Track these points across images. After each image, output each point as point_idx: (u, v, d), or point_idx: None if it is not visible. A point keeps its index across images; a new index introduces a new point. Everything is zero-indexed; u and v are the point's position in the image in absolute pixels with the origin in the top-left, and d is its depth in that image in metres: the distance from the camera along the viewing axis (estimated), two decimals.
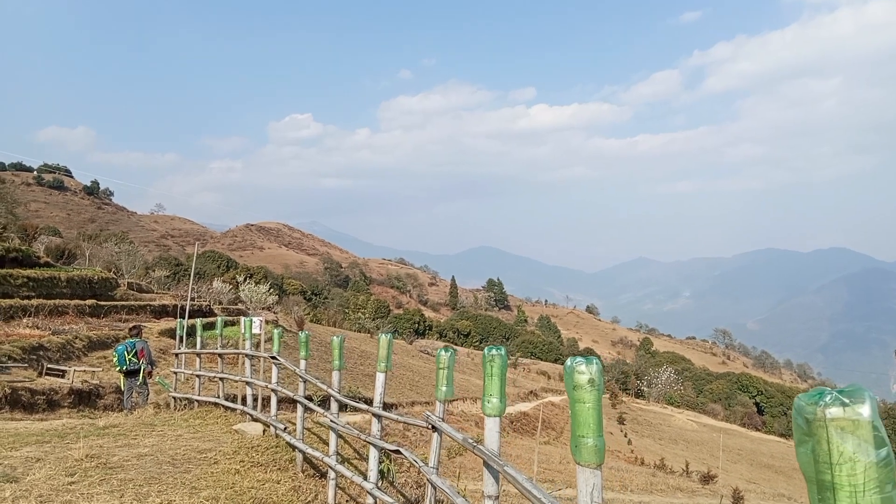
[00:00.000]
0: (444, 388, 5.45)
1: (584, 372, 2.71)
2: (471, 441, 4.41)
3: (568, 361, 2.81)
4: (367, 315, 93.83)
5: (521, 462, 23.45)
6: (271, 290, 64.74)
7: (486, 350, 4.34)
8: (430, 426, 5.43)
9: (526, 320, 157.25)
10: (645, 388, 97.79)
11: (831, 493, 1.28)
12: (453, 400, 39.61)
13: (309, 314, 77.36)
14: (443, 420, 5.34)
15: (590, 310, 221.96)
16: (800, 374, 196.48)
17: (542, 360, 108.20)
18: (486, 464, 4.06)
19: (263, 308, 56.36)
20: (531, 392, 54.29)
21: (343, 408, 8.73)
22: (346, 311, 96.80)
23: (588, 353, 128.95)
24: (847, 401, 1.28)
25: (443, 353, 5.51)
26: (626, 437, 51.46)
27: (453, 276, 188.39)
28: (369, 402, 7.01)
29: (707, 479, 27.41)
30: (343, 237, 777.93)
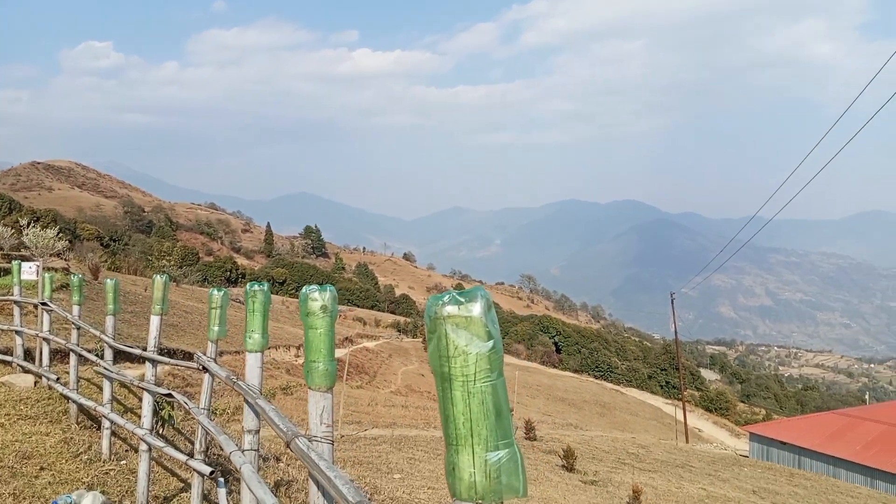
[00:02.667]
0: (215, 328, 5.30)
1: (317, 299, 2.75)
2: (232, 378, 4.36)
3: (303, 289, 2.83)
4: (172, 263, 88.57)
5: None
6: (61, 234, 58.93)
7: (248, 286, 4.26)
8: (200, 367, 5.29)
9: (344, 268, 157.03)
10: None
11: (448, 384, 1.41)
12: (268, 347, 38.71)
13: (106, 262, 71.39)
14: (213, 361, 5.22)
15: (407, 257, 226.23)
16: (594, 315, 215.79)
17: (358, 306, 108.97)
18: (245, 399, 4.04)
19: (52, 255, 51.23)
20: (346, 338, 54.64)
21: (122, 355, 8.25)
22: (150, 258, 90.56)
23: (404, 300, 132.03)
24: (462, 300, 1.41)
25: (215, 292, 5.35)
26: None
27: (269, 223, 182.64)
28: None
29: None
30: (147, 179, 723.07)
